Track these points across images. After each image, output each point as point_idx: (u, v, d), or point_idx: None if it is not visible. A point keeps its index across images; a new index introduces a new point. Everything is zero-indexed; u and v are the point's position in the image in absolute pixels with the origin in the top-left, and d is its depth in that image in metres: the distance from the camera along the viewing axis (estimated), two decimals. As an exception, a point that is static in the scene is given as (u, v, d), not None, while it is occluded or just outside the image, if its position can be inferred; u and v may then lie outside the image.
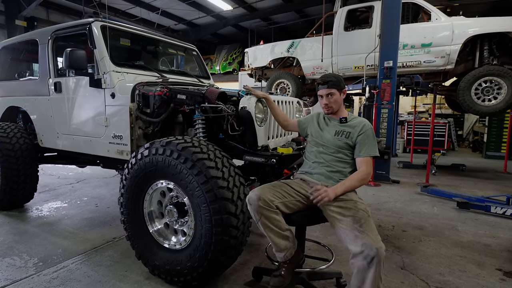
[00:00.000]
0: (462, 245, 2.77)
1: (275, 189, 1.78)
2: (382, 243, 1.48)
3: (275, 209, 1.70)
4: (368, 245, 1.45)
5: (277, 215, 1.70)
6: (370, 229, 1.54)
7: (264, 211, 1.67)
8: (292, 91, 6.61)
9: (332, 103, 1.95)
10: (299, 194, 1.83)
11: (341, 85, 1.96)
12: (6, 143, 3.26)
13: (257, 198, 1.68)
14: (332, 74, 2.00)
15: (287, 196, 1.79)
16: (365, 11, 6.26)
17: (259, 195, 1.68)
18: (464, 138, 10.56)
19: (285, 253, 1.75)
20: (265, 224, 1.69)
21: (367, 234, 1.50)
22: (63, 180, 5.09)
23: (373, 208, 3.78)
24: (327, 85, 1.93)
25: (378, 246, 1.45)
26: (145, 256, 2.12)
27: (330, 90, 1.93)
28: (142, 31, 3.34)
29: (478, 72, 4.99)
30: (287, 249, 1.74)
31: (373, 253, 1.42)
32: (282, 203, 1.74)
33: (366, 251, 1.44)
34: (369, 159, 1.85)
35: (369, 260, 1.43)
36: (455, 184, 5.09)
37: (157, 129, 2.55)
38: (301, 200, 1.82)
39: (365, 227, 1.54)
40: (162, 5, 10.61)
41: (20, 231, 2.95)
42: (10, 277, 2.15)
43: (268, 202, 1.68)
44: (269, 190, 1.75)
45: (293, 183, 1.89)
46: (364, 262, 1.44)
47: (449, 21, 5.26)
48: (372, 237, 1.49)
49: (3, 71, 3.92)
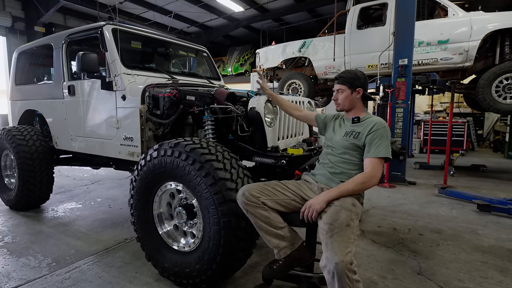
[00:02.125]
0: (483, 250, 2.65)
1: (265, 186, 1.76)
2: (346, 257, 1.36)
3: (262, 205, 1.66)
4: (329, 259, 1.38)
5: (264, 211, 1.67)
6: (340, 240, 1.43)
7: (249, 207, 1.66)
8: (304, 91, 6.54)
9: (340, 99, 1.88)
10: (295, 194, 1.79)
11: (355, 82, 1.85)
12: (23, 145, 3.35)
13: (241, 193, 1.69)
14: (349, 71, 1.92)
15: (279, 194, 1.74)
16: (378, 8, 6.13)
17: (244, 190, 1.69)
18: (485, 137, 10.19)
19: (278, 251, 1.70)
20: (253, 220, 1.69)
21: (332, 247, 1.41)
22: (78, 181, 5.20)
23: (388, 210, 3.67)
24: (338, 81, 1.88)
25: (337, 260, 1.34)
26: (154, 257, 2.12)
27: (339, 86, 1.88)
28: (152, 34, 3.36)
29: (499, 69, 4.79)
30: (279, 248, 1.69)
31: (333, 268, 1.35)
32: (272, 200, 1.70)
33: (328, 265, 1.38)
34: (376, 160, 1.70)
35: (331, 275, 1.36)
36: (475, 186, 4.89)
37: (167, 130, 2.56)
38: (296, 200, 1.77)
39: (334, 238, 1.44)
40: (174, 8, 10.75)
41: (35, 232, 3.01)
42: (24, 277, 2.19)
43: (252, 198, 1.66)
44: (257, 187, 1.73)
45: (290, 183, 1.86)
46: (328, 276, 1.39)
47: (467, 16, 5.07)
48: (335, 250, 1.39)
49: (21, 76, 4.04)
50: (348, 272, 1.34)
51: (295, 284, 2.02)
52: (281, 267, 1.72)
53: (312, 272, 1.92)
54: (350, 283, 1.35)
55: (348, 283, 1.35)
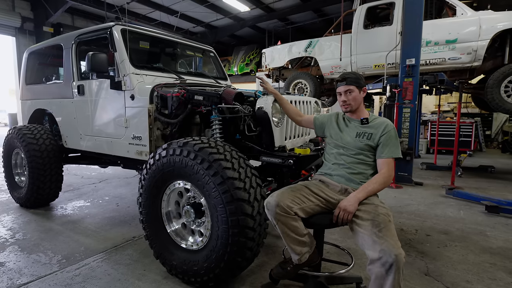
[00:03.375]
0: (491, 251, 2.62)
1: (294, 194, 1.73)
2: (401, 250, 1.40)
3: (294, 215, 1.66)
4: (386, 251, 1.38)
5: (295, 221, 1.66)
6: (390, 235, 1.47)
7: (282, 217, 1.64)
8: (310, 91, 6.53)
9: (350, 100, 1.89)
10: (319, 197, 1.79)
11: (360, 82, 1.90)
12: (33, 144, 3.41)
13: (275, 204, 1.64)
14: (351, 72, 1.96)
15: (306, 201, 1.74)
16: (385, 8, 6.09)
17: (278, 201, 1.64)
18: (493, 138, 10.07)
19: (300, 257, 1.72)
20: (282, 229, 1.67)
21: (386, 240, 1.43)
22: (86, 179, 5.27)
23: (395, 211, 3.65)
24: (346, 82, 1.89)
25: (397, 252, 1.37)
26: (163, 255, 2.14)
27: (348, 87, 1.88)
28: (161, 34, 3.39)
29: (509, 69, 4.73)
30: (302, 254, 1.71)
31: (392, 259, 1.35)
32: (301, 208, 1.69)
33: (385, 258, 1.37)
34: (391, 160, 1.79)
35: (388, 267, 1.36)
36: (483, 187, 4.84)
37: (175, 130, 2.58)
38: (320, 204, 1.77)
39: (384, 232, 1.47)
40: (180, 8, 10.81)
41: (45, 229, 3.06)
42: (35, 273, 2.23)
43: (286, 209, 1.64)
44: (288, 195, 1.70)
45: (313, 186, 1.84)
46: (382, 269, 1.38)
47: (476, 15, 5.01)
48: (391, 243, 1.41)
49: (31, 76, 4.10)
50: (403, 265, 1.37)
51: (302, 283, 2.03)
52: (294, 268, 1.76)
53: (319, 271, 1.92)
54: (402, 276, 1.38)
55: (401, 277, 1.37)
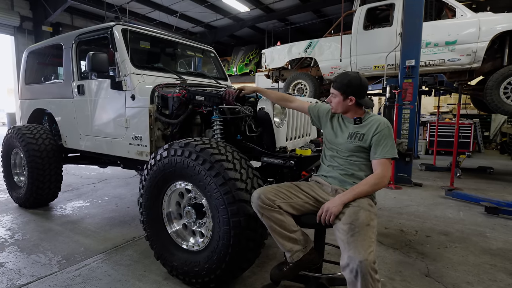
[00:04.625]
0: (491, 252, 2.63)
1: (279, 189, 1.75)
2: (370, 255, 1.37)
3: (277, 209, 1.66)
4: (352, 258, 1.37)
5: (280, 214, 1.66)
6: (361, 239, 1.43)
7: (265, 211, 1.66)
8: (310, 91, 6.54)
9: (333, 103, 1.85)
10: (308, 195, 1.79)
11: (347, 90, 1.77)
12: (33, 143, 3.39)
13: (257, 196, 1.68)
14: (345, 75, 1.83)
15: (293, 197, 1.74)
16: (385, 9, 6.11)
17: (259, 193, 1.68)
18: (491, 139, 10.11)
19: (291, 255, 1.70)
20: (267, 223, 1.68)
21: (354, 246, 1.41)
22: (85, 179, 5.25)
23: (395, 212, 3.66)
24: (332, 84, 1.85)
25: (361, 258, 1.34)
26: (163, 256, 2.13)
27: (332, 91, 1.84)
28: (161, 34, 3.39)
29: (508, 70, 4.76)
30: (292, 251, 1.69)
31: (356, 266, 1.34)
32: (287, 203, 1.70)
33: (351, 264, 1.36)
34: (385, 161, 1.71)
35: (355, 274, 1.35)
36: (482, 188, 4.85)
37: (176, 130, 2.57)
38: (309, 202, 1.77)
39: (356, 237, 1.44)
40: (180, 8, 10.79)
41: (45, 229, 3.05)
42: (35, 274, 2.22)
43: (268, 201, 1.65)
44: (271, 189, 1.72)
45: (303, 185, 1.85)
46: (351, 275, 1.37)
47: (476, 17, 5.03)
48: (358, 249, 1.39)
49: (31, 75, 4.08)
50: (371, 270, 1.35)
51: (303, 285, 2.02)
52: (290, 269, 1.73)
53: (320, 272, 1.92)
54: (372, 282, 1.35)
55: (371, 282, 1.35)
